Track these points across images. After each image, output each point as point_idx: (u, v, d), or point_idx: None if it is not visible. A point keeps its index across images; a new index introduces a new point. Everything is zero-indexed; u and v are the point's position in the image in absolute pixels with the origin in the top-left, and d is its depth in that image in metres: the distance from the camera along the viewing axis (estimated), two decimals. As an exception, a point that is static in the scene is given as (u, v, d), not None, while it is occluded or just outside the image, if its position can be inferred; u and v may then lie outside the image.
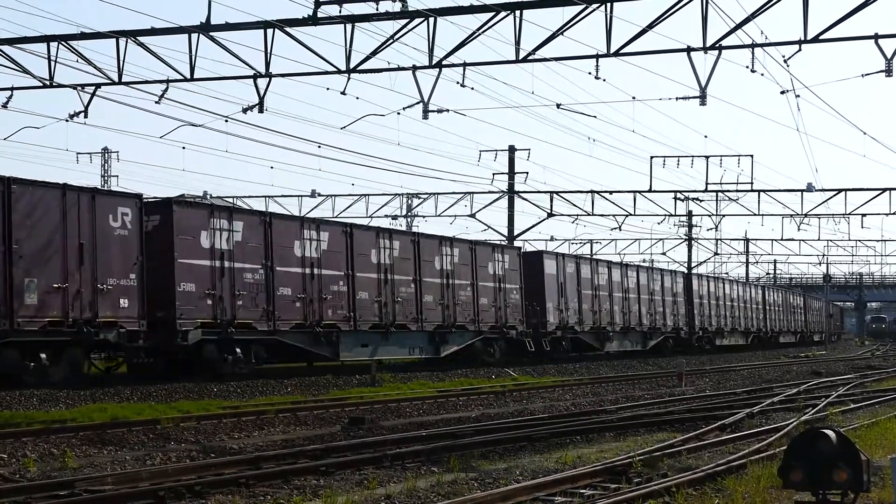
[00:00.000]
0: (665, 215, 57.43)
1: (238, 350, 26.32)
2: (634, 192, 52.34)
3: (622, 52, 23.16)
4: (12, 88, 27.45)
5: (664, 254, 78.35)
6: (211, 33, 24.68)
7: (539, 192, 52.61)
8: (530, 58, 23.78)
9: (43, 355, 22.24)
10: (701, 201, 57.41)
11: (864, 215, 55.28)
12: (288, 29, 24.30)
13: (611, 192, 53.05)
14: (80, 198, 22.95)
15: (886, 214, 52.54)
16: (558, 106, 30.37)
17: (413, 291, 32.91)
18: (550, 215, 53.34)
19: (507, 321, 37.41)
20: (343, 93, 25.76)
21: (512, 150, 50.22)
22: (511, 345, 37.86)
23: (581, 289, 42.64)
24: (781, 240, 71.22)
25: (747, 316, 65.35)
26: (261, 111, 26.10)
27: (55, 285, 22.24)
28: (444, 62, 24.60)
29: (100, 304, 23.09)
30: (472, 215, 54.72)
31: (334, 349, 29.43)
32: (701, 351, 54.54)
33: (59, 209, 22.51)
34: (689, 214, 70.21)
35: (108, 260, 23.34)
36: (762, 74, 24.03)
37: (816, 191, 50.46)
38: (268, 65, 25.02)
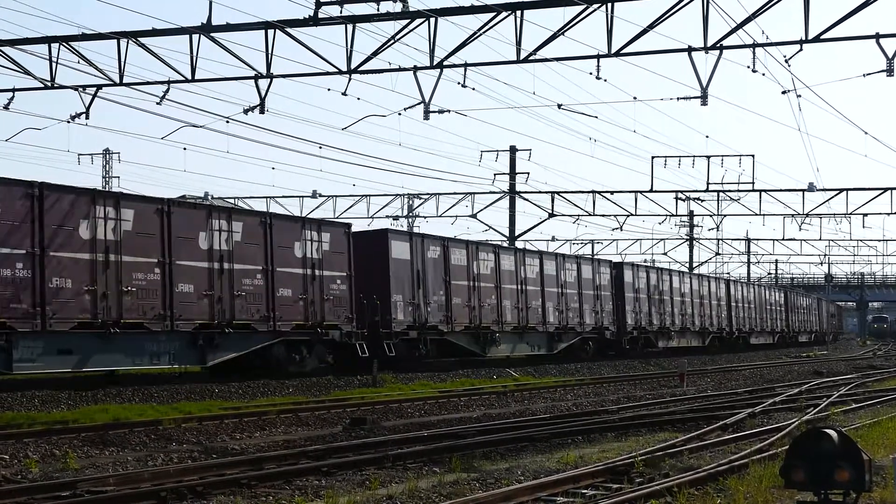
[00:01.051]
0: (666, 215, 57.52)
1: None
2: (636, 192, 52.41)
3: (623, 52, 23.16)
4: (14, 90, 27.45)
5: (665, 254, 78.45)
6: (212, 34, 24.69)
7: (540, 192, 52.72)
8: (531, 58, 23.78)
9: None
10: (702, 201, 57.48)
11: (865, 215, 55.32)
12: (289, 29, 24.30)
13: (612, 193, 53.15)
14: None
15: (888, 214, 52.62)
16: (559, 106, 30.40)
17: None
18: (552, 216, 53.39)
19: (326, 318, 28.95)
20: (344, 93, 25.79)
21: (513, 150, 50.27)
22: (335, 349, 29.96)
23: (451, 279, 34.23)
24: (783, 240, 71.28)
25: (704, 314, 56.07)
26: (262, 112, 26.11)
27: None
28: (445, 63, 24.60)
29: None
30: (474, 216, 54.81)
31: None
32: (635, 355, 46.61)
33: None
34: (691, 214, 70.28)
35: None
36: (763, 74, 24.05)
37: (818, 190, 50.48)
38: (269, 65, 25.03)
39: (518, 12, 23.18)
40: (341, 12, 23.67)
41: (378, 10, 23.34)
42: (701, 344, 55.63)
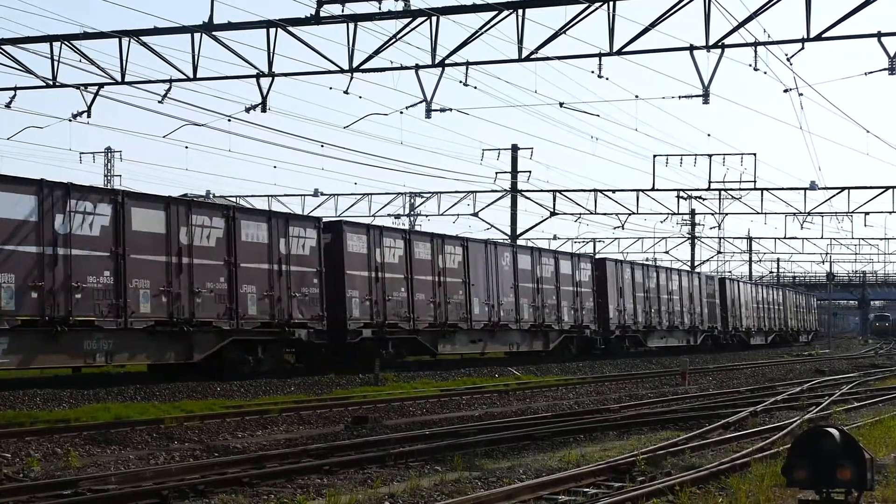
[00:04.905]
0: (668, 214, 57.52)
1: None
2: (637, 190, 52.41)
3: (625, 50, 23.15)
4: (15, 88, 27.50)
5: (667, 252, 78.45)
6: (214, 33, 24.70)
7: (542, 190, 52.71)
8: (533, 57, 23.78)
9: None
10: (704, 200, 57.44)
11: (867, 213, 55.33)
12: (290, 28, 24.32)
13: (614, 191, 53.17)
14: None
15: (889, 212, 52.60)
16: (561, 105, 30.37)
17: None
18: (553, 214, 53.39)
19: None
20: (346, 92, 25.80)
21: (515, 148, 50.27)
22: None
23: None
24: (784, 238, 71.21)
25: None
26: (264, 110, 26.12)
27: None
28: (446, 61, 24.60)
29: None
30: (476, 214, 54.85)
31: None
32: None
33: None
34: (692, 213, 70.26)
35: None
36: (765, 73, 24.04)
37: (819, 189, 50.46)
38: (270, 64, 25.03)
39: (520, 11, 23.19)
40: (343, 11, 23.68)
41: (380, 8, 23.36)
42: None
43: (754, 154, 47.38)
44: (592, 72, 23.85)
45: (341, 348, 29.75)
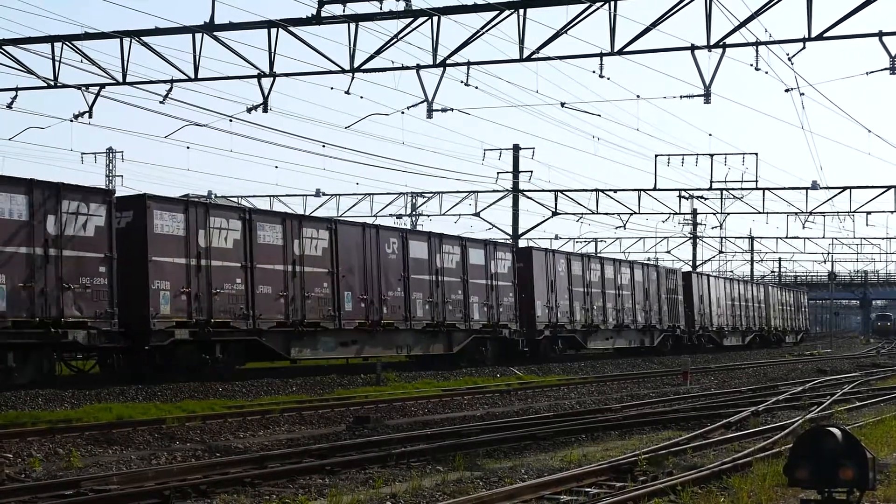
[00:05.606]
0: (670, 214, 57.47)
1: None
2: (639, 190, 52.39)
3: (626, 50, 23.14)
4: (17, 89, 27.47)
5: (669, 252, 78.43)
6: (215, 33, 24.69)
7: (543, 190, 52.66)
8: (534, 56, 23.77)
9: None
10: (705, 199, 57.37)
11: (868, 213, 55.23)
12: (292, 28, 24.31)
13: (615, 191, 53.09)
14: None
15: (891, 212, 52.54)
16: (562, 104, 30.34)
17: None
18: (555, 214, 53.37)
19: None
20: (347, 92, 25.79)
21: (516, 148, 50.25)
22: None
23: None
24: (786, 238, 71.17)
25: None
26: (265, 111, 26.10)
27: None
28: (448, 61, 24.59)
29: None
30: (477, 214, 54.82)
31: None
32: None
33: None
34: (694, 213, 70.21)
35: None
36: (766, 72, 24.02)
37: (821, 188, 50.42)
38: (272, 64, 25.03)
39: (521, 11, 23.17)
40: (344, 11, 23.67)
41: (381, 8, 23.34)
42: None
43: (756, 154, 47.36)
44: (594, 71, 23.86)
45: (142, 354, 24.29)
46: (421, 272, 32.76)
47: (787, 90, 25.94)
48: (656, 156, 47.44)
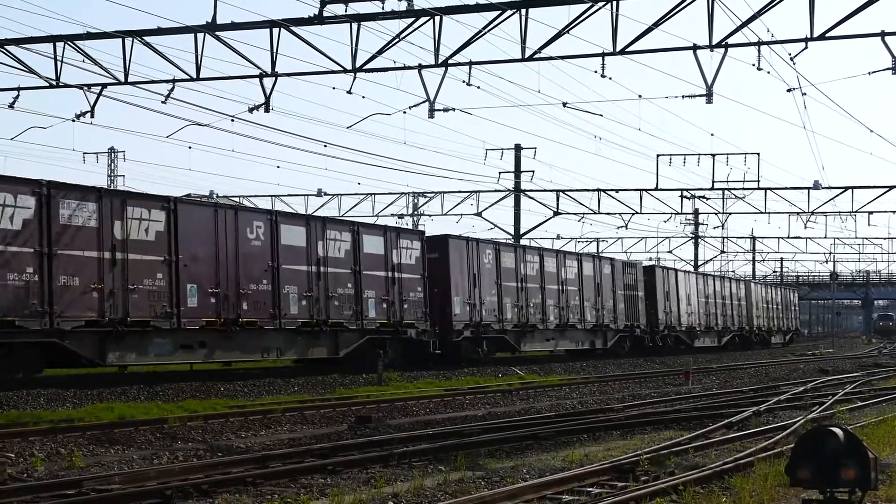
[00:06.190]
0: (672, 213, 57.52)
1: None
2: (641, 190, 52.43)
3: (628, 50, 23.15)
4: (19, 88, 27.51)
5: (671, 251, 78.44)
6: (217, 33, 24.71)
7: (545, 190, 52.69)
8: (536, 56, 23.77)
9: None
10: (707, 199, 57.42)
11: (870, 213, 55.28)
12: (294, 28, 24.32)
13: (617, 191, 53.15)
14: None
15: (893, 212, 52.73)
16: (564, 104, 30.35)
17: None
18: (557, 214, 53.41)
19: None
20: (349, 92, 25.81)
21: (518, 148, 50.27)
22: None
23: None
24: (788, 237, 71.17)
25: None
26: (267, 111, 26.12)
27: None
28: (449, 61, 24.59)
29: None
30: (479, 214, 54.85)
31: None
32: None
33: None
34: (696, 213, 70.25)
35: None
36: (768, 72, 23.98)
37: (823, 188, 50.42)
38: (274, 64, 25.03)
39: (523, 10, 23.18)
40: (346, 11, 23.68)
41: (383, 8, 23.35)
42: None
43: (758, 154, 47.39)
44: (596, 71, 23.86)
45: None
46: (296, 262, 27.72)
47: (789, 90, 25.96)
48: (658, 156, 47.53)
